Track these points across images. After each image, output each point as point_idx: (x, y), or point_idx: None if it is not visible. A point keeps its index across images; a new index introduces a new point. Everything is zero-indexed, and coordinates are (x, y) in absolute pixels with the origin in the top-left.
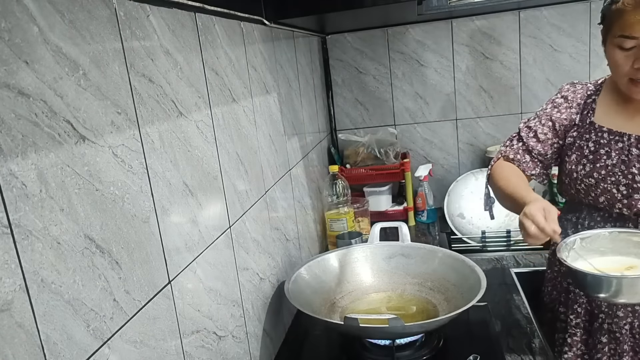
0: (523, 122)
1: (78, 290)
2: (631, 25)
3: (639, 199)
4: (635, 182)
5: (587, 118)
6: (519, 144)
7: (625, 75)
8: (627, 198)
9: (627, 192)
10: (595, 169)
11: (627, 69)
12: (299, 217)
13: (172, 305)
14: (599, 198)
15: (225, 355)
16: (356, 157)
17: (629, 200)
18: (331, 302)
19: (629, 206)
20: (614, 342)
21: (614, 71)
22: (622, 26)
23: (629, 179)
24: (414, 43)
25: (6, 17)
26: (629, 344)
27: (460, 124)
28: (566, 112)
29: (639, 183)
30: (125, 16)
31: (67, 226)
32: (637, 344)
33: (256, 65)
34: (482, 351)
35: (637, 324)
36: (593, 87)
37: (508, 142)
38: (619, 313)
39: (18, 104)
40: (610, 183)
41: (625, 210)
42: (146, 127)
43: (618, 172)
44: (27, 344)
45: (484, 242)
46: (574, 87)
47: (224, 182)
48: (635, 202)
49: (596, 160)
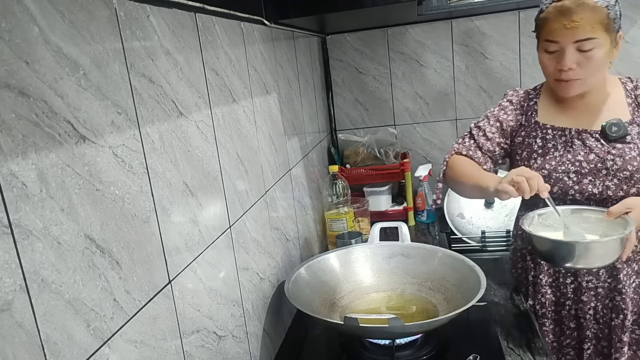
0: (473, 123)
1: (78, 290)
2: (554, 31)
3: (588, 183)
4: (582, 169)
5: (531, 118)
6: (471, 141)
7: (552, 75)
8: (578, 184)
9: (577, 178)
10: (546, 160)
11: (552, 69)
12: (299, 217)
13: (172, 305)
14: (553, 188)
15: (225, 355)
16: (356, 157)
17: (579, 186)
18: (331, 302)
19: (581, 191)
20: (579, 328)
21: (543, 72)
22: (547, 32)
23: (577, 166)
24: (413, 43)
25: (6, 17)
26: (592, 330)
27: (460, 124)
28: (512, 114)
29: (586, 168)
30: (126, 16)
31: (67, 226)
32: (600, 330)
33: (256, 66)
34: (482, 351)
35: (600, 308)
36: (533, 91)
37: (460, 139)
38: (583, 298)
39: (18, 104)
40: (561, 172)
41: (577, 195)
42: (146, 127)
43: (566, 161)
44: (27, 343)
45: (483, 242)
46: (517, 91)
47: (224, 182)
48: (586, 187)
49: (545, 153)
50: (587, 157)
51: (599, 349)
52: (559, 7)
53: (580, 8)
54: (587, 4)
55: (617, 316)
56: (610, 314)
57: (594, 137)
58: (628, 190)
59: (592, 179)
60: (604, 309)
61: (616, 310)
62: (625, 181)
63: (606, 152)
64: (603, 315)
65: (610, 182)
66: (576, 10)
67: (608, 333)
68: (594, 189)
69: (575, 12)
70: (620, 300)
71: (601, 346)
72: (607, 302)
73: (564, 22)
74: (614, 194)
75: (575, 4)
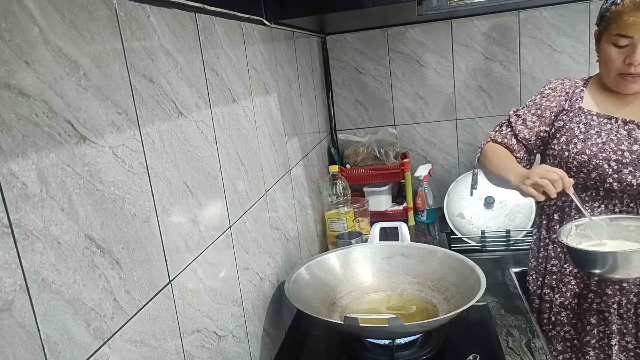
0: (513, 110)
1: (78, 290)
2: (629, 25)
3: (628, 174)
4: (624, 158)
5: (575, 104)
6: (508, 129)
7: (616, 70)
8: (617, 173)
9: (617, 167)
10: (587, 146)
11: (618, 64)
12: (299, 217)
13: (172, 305)
14: (590, 174)
15: (225, 355)
16: (356, 157)
17: (619, 175)
18: (331, 302)
19: (619, 180)
20: (603, 323)
21: (605, 66)
22: (620, 26)
23: (619, 154)
24: (413, 43)
25: (7, 18)
26: (617, 324)
27: (460, 124)
28: (555, 100)
29: (628, 158)
30: (126, 16)
31: (67, 226)
32: (625, 325)
33: (256, 66)
34: (481, 351)
35: (624, 302)
36: (581, 81)
37: (497, 127)
38: (608, 291)
39: (19, 104)
40: (601, 159)
41: (615, 184)
42: (146, 127)
43: (608, 148)
44: (27, 343)
45: (483, 242)
46: (562, 80)
47: (224, 182)
48: (625, 177)
49: (587, 138)
50: (631, 147)
51: (624, 345)
52: (638, 2)
53: None
54: None
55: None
56: (635, 309)
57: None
58: None
59: (633, 170)
60: (628, 304)
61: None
62: None
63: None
64: (627, 310)
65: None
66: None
67: (633, 328)
68: (633, 179)
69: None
70: None
71: (626, 342)
72: (631, 297)
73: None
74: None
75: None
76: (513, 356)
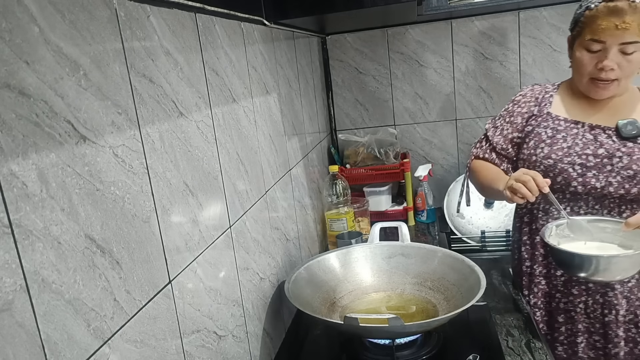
0: (489, 122)
1: (79, 290)
2: (602, 30)
3: (592, 177)
4: (588, 162)
5: (544, 109)
6: (486, 144)
7: (588, 75)
8: (582, 176)
9: (582, 170)
10: (553, 150)
11: (590, 69)
12: (299, 217)
13: (172, 304)
14: (556, 178)
15: (225, 355)
16: (356, 157)
17: (583, 178)
18: (331, 302)
19: (584, 183)
20: (570, 322)
21: (578, 71)
22: (593, 31)
23: (583, 158)
24: (413, 43)
25: (7, 18)
26: (583, 324)
27: (460, 124)
28: (525, 106)
29: (592, 162)
30: (126, 17)
31: (67, 226)
32: (592, 324)
33: (256, 66)
34: (481, 351)
35: (591, 302)
36: (551, 86)
37: (478, 143)
38: (574, 291)
39: (19, 104)
40: (566, 163)
41: (580, 187)
42: (147, 127)
43: (573, 153)
44: (27, 343)
45: (483, 242)
46: (532, 87)
47: (224, 182)
48: (589, 180)
49: (553, 143)
50: (596, 151)
51: (592, 343)
52: (612, 7)
53: (633, 10)
54: (638, 6)
55: (610, 312)
56: (602, 310)
57: (606, 133)
58: (630, 189)
59: (596, 173)
60: (595, 304)
61: (608, 306)
62: (627, 180)
63: (616, 149)
64: (594, 310)
65: (613, 178)
66: (629, 12)
67: (600, 327)
68: (596, 183)
69: (628, 13)
70: (612, 296)
71: (594, 340)
72: (597, 297)
73: (616, 23)
74: (615, 191)
75: (629, 5)
76: (513, 356)
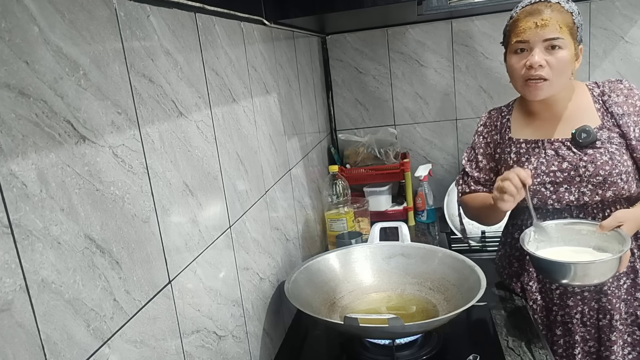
0: (464, 158)
1: (78, 290)
2: (524, 31)
3: (564, 191)
4: (557, 178)
5: (505, 135)
6: (468, 178)
7: (521, 77)
8: (555, 193)
9: (553, 187)
10: None
11: (521, 71)
12: (299, 217)
13: (172, 305)
14: (532, 199)
15: (225, 355)
16: (356, 157)
17: (557, 195)
18: (331, 302)
19: (559, 200)
20: (567, 334)
21: (512, 77)
22: (517, 34)
23: (551, 176)
24: (413, 43)
25: (6, 17)
26: (579, 333)
27: (460, 124)
28: (489, 136)
29: (560, 178)
30: (126, 16)
31: (67, 226)
32: (588, 331)
33: (256, 65)
34: (481, 351)
35: (587, 310)
36: (505, 108)
37: (461, 181)
38: (569, 302)
39: (18, 104)
40: (537, 184)
41: (556, 204)
42: (146, 127)
43: (541, 173)
44: (27, 343)
45: (483, 242)
46: (489, 113)
47: (224, 182)
48: (563, 195)
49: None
50: (561, 166)
51: (587, 350)
52: (529, 9)
53: (550, 9)
54: (555, 5)
55: (605, 317)
56: (597, 315)
57: (565, 145)
58: (604, 194)
59: (568, 187)
60: (590, 311)
61: (602, 311)
62: (599, 186)
63: (579, 159)
64: (590, 317)
65: (585, 188)
66: (545, 10)
67: (595, 333)
68: (570, 196)
69: (544, 11)
70: (606, 301)
71: (588, 347)
72: (592, 304)
73: (535, 21)
74: (590, 199)
75: (545, 5)
76: (513, 356)
